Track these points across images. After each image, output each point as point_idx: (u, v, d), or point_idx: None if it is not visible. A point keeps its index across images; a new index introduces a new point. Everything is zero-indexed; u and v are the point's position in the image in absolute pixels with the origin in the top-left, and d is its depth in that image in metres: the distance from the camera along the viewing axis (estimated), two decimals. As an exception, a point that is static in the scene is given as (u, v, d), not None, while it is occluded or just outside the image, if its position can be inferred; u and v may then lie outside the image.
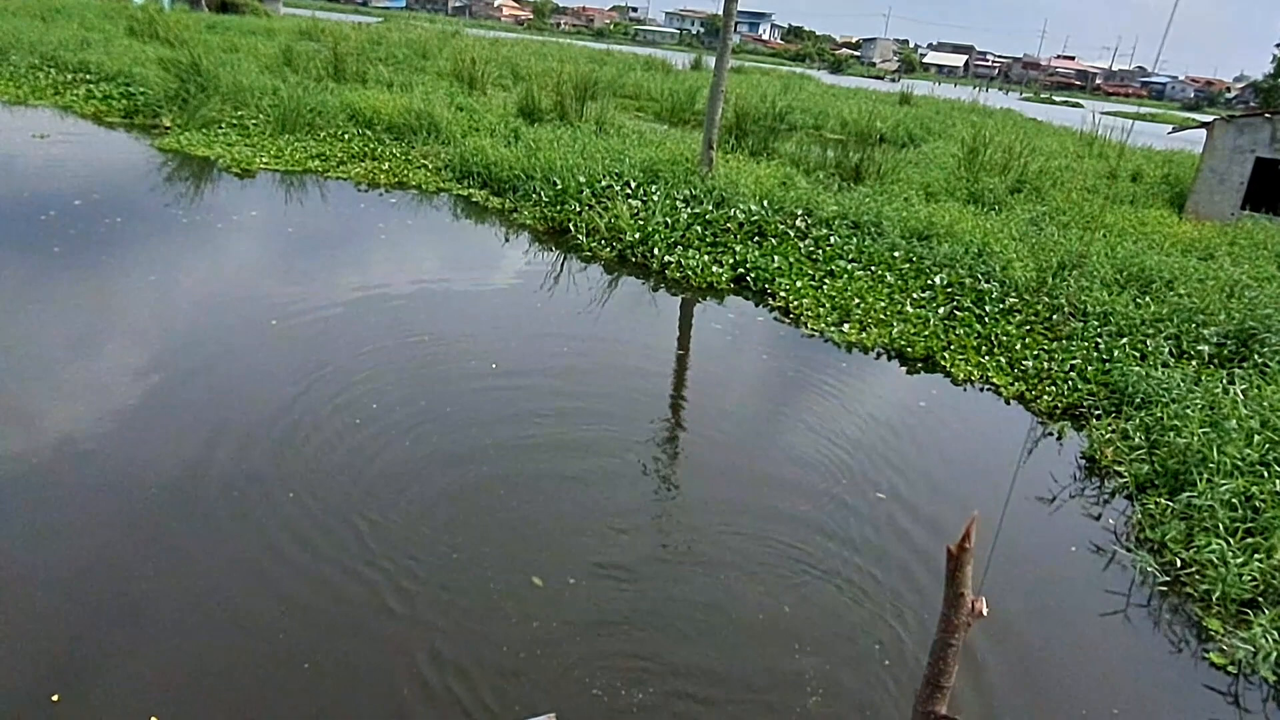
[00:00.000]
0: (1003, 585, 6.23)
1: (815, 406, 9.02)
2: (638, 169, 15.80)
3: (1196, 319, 10.71)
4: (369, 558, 5.74)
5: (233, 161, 16.05)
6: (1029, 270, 12.29)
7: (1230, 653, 5.85)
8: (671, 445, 7.86)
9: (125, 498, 6.07)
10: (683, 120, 27.08)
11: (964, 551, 2.12)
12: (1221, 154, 18.74)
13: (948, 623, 2.23)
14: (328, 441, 7.13)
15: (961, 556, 2.12)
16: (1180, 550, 6.79)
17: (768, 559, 6.30)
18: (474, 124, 19.75)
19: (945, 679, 2.29)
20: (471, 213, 15.09)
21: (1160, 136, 29.53)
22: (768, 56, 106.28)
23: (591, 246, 13.24)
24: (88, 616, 4.98)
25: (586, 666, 5.02)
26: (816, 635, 5.54)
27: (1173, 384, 9.03)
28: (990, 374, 9.93)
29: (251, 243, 12.32)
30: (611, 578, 5.85)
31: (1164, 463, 7.78)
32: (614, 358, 9.85)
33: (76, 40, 26.40)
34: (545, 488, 6.84)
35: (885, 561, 6.42)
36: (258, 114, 18.85)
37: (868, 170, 17.69)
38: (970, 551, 2.13)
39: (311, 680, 4.72)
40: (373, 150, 17.82)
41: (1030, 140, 24.61)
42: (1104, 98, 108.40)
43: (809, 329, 10.86)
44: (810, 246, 13.29)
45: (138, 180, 14.46)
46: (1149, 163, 24.69)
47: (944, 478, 7.80)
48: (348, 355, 8.84)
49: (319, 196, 14.84)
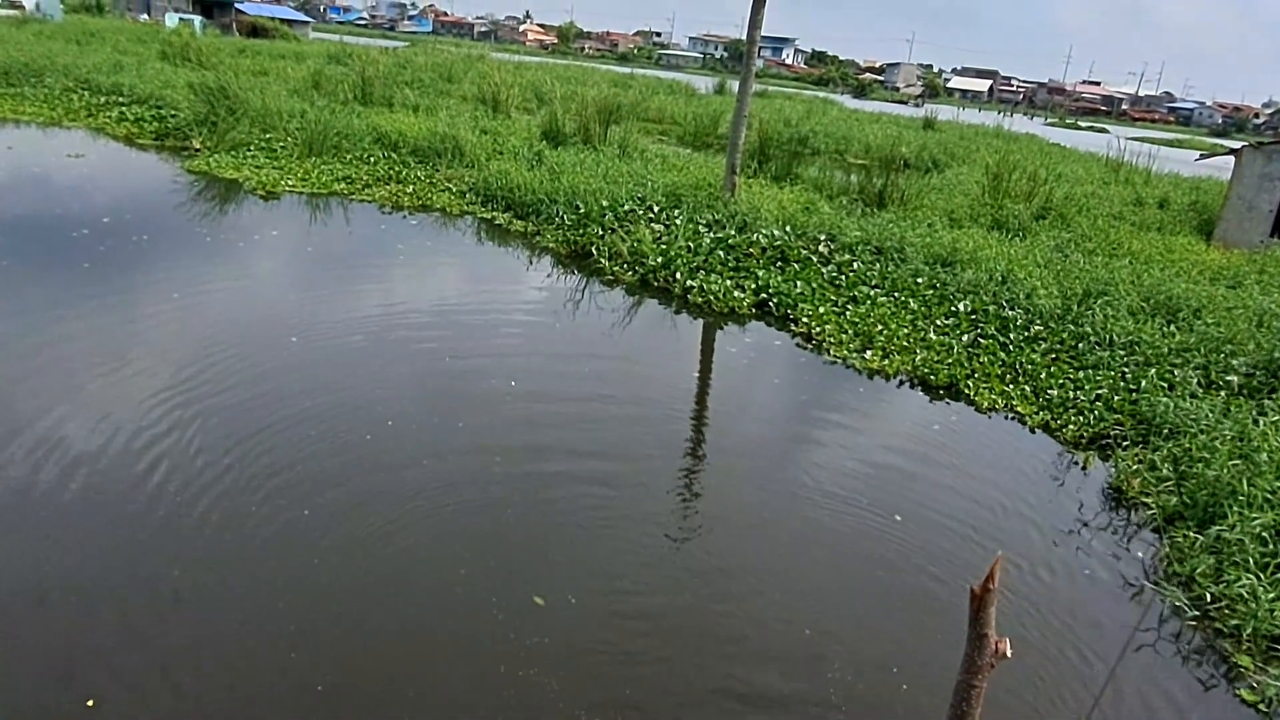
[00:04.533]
0: (1028, 619, 6.14)
1: (835, 434, 8.95)
2: (661, 193, 15.85)
3: (1225, 349, 10.55)
4: (379, 579, 5.75)
5: (259, 184, 16.27)
6: (1054, 298, 12.17)
7: (1261, 689, 5.72)
8: (690, 470, 7.82)
9: (142, 509, 6.11)
10: (706, 144, 27.18)
11: (988, 593, 2.08)
12: (1250, 181, 18.54)
13: (970, 664, 2.19)
14: (339, 458, 7.18)
15: (985, 597, 2.08)
16: (1209, 585, 6.65)
17: (785, 584, 6.26)
18: (498, 147, 19.91)
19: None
20: (494, 235, 15.19)
21: (1187, 163, 29.25)
22: (791, 81, 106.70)
23: (614, 270, 13.27)
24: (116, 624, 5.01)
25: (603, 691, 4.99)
26: (837, 658, 5.47)
27: (1201, 415, 8.89)
28: (1015, 402, 9.82)
29: (274, 262, 12.47)
30: (626, 599, 5.82)
31: (1193, 495, 7.65)
32: (634, 381, 9.84)
33: (110, 64, 26.94)
34: (560, 509, 6.83)
35: (906, 591, 6.35)
36: (286, 137, 19.12)
37: (891, 196, 17.64)
38: (994, 593, 2.09)
39: (329, 682, 4.73)
40: (398, 173, 18.00)
41: (1055, 166, 24.50)
42: (1130, 123, 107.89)
43: (831, 355, 10.80)
44: (833, 272, 13.24)
45: (166, 200, 14.71)
46: (1176, 189, 24.41)
47: (966, 508, 7.70)
48: (365, 372, 8.90)
49: (342, 218, 15.01)
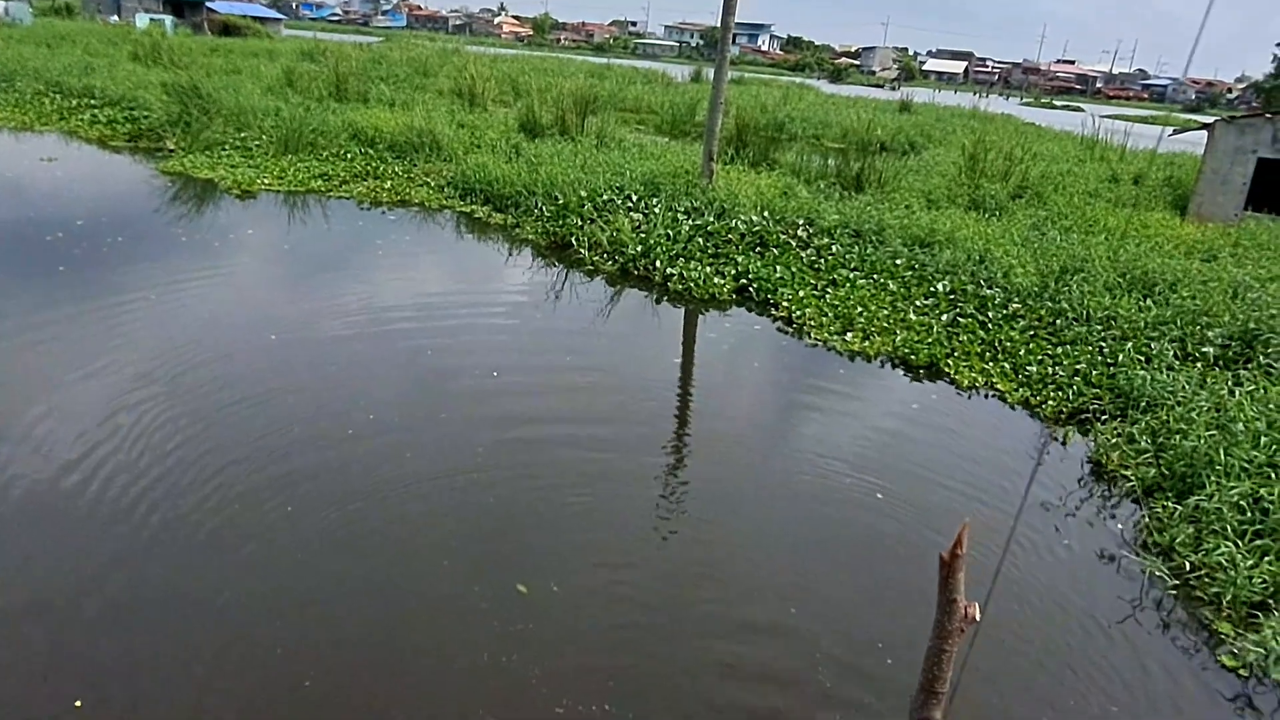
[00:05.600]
0: (1010, 591, 6.21)
1: (818, 415, 9.01)
2: (639, 182, 15.84)
3: (1201, 321, 10.67)
4: (365, 571, 5.77)
5: (235, 183, 16.15)
6: (1031, 275, 12.27)
7: (1241, 655, 5.81)
8: (674, 455, 7.85)
9: (118, 510, 6.09)
10: (683, 132, 27.16)
11: (956, 558, 2.12)
12: (1223, 155, 18.71)
13: (941, 629, 2.23)
14: (320, 454, 7.17)
15: (954, 563, 2.12)
16: (1189, 554, 6.75)
17: (770, 564, 6.31)
18: (475, 140, 19.84)
19: (939, 685, 2.28)
20: (474, 229, 15.15)
21: (1161, 139, 29.44)
22: (767, 67, 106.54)
23: (594, 260, 13.28)
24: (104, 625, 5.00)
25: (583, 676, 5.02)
26: (820, 638, 5.52)
27: (1178, 387, 9.00)
28: (995, 380, 9.91)
29: (252, 261, 12.40)
30: (611, 586, 5.85)
31: (1171, 466, 7.75)
32: (616, 370, 9.87)
33: (80, 66, 26.64)
34: (544, 497, 6.86)
35: (890, 567, 6.42)
36: (260, 135, 18.97)
37: (869, 179, 17.70)
38: (962, 558, 2.13)
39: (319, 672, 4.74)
40: (375, 169, 17.91)
41: (1031, 145, 24.57)
42: (1105, 101, 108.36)
43: (812, 339, 10.85)
44: (812, 256, 13.29)
45: (141, 202, 14.58)
46: (1151, 165, 24.59)
47: (947, 485, 7.77)
48: (346, 368, 8.89)
49: (320, 215, 14.92)
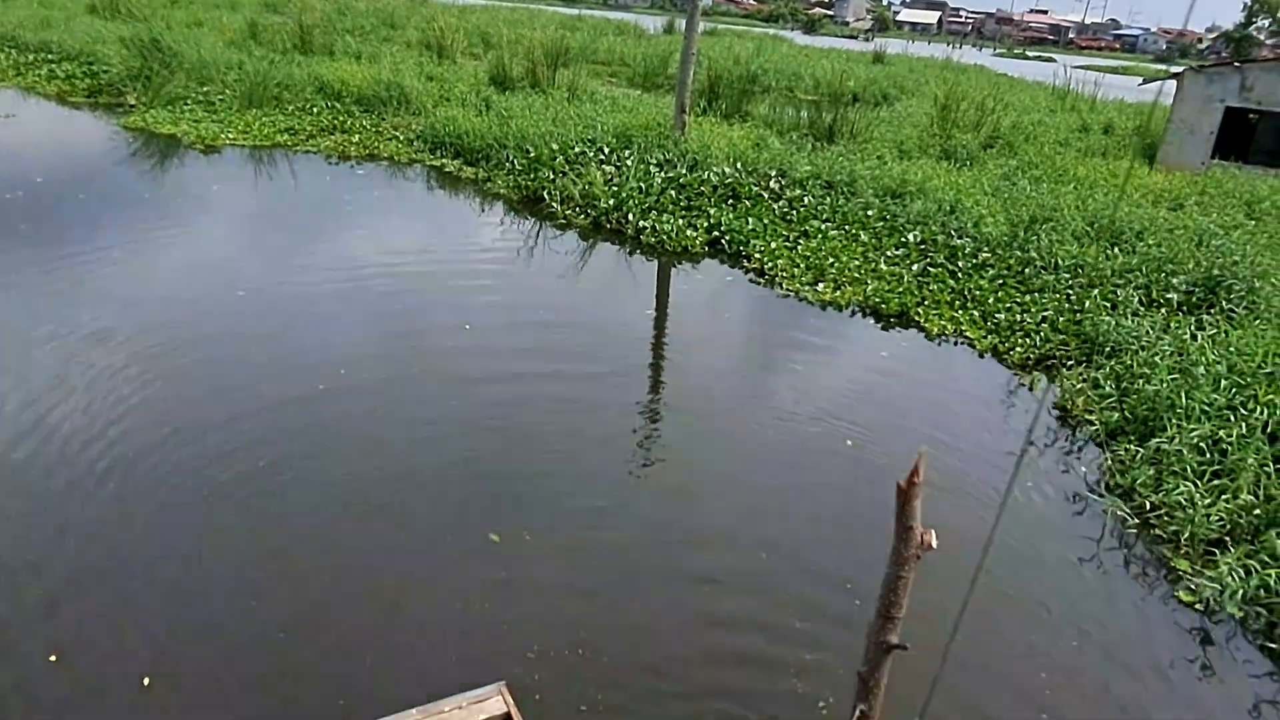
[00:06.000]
0: (978, 534, 6.37)
1: (790, 364, 9.10)
2: (611, 135, 15.69)
3: (1166, 268, 10.82)
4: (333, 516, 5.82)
5: (199, 138, 15.83)
6: (1001, 225, 12.35)
7: (1198, 591, 6.01)
8: (647, 403, 7.91)
9: (86, 467, 6.11)
10: (656, 85, 26.81)
11: (912, 486, 2.19)
12: (1192, 104, 18.81)
13: (898, 556, 2.30)
14: (294, 404, 7.21)
15: (910, 491, 2.19)
16: (1150, 494, 6.94)
17: (742, 509, 6.44)
18: (445, 94, 19.50)
19: (896, 610, 2.37)
20: (444, 183, 14.98)
21: (1131, 89, 29.54)
22: (740, 18, 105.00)
23: (566, 214, 13.20)
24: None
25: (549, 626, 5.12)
26: (790, 580, 5.65)
27: (1142, 332, 9.16)
28: (964, 328, 10.03)
29: (218, 216, 12.24)
30: (584, 532, 5.94)
31: (1134, 410, 7.92)
32: (590, 321, 9.89)
33: (36, 20, 25.81)
34: (517, 447, 6.92)
35: (859, 511, 6.55)
36: (224, 89, 18.54)
37: (841, 130, 17.63)
38: (919, 486, 2.19)
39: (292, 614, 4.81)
40: (342, 123, 17.60)
41: (1003, 96, 24.60)
42: (1077, 52, 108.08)
43: (784, 289, 10.90)
44: (784, 208, 13.30)
45: (102, 158, 14.28)
46: (1120, 115, 24.71)
47: (916, 430, 7.91)
48: (316, 322, 8.89)
49: (287, 170, 14.69)
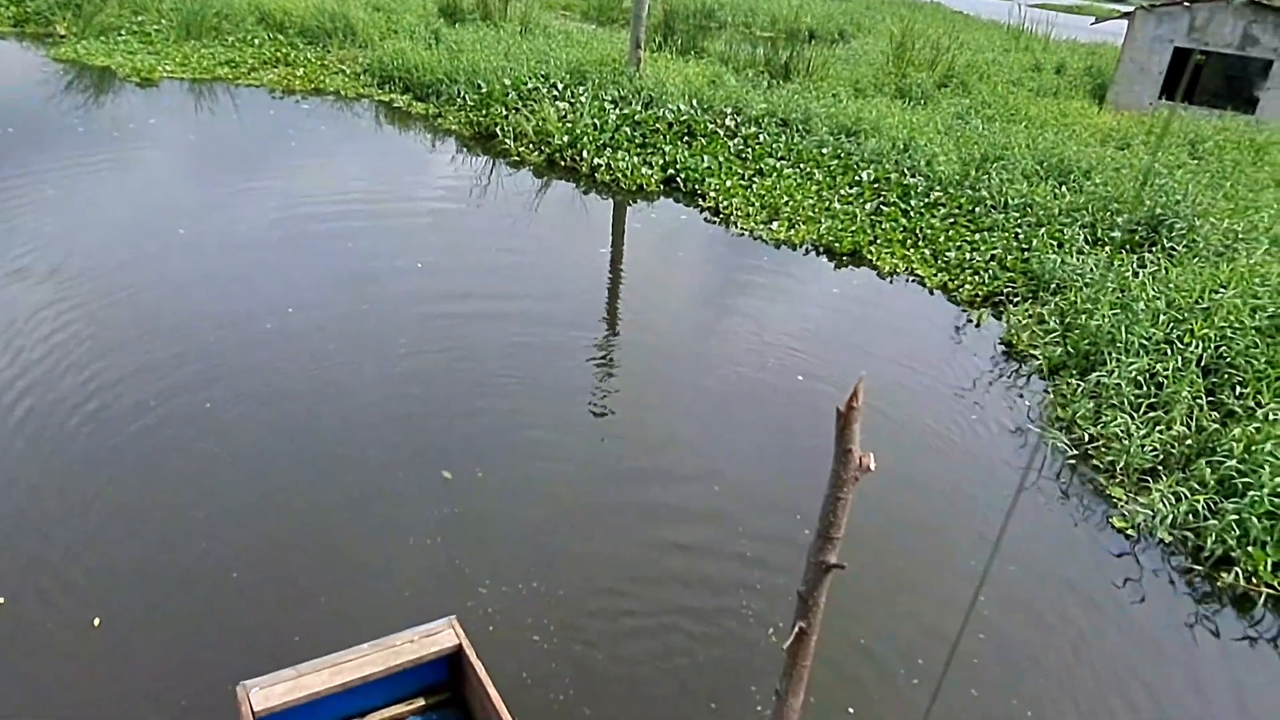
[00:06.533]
0: (922, 466, 6.54)
1: (743, 302, 9.15)
2: (564, 70, 15.39)
3: (1111, 207, 11.00)
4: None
5: (134, 70, 15.20)
6: (953, 164, 12.42)
7: (1131, 517, 6.26)
8: (601, 343, 7.94)
9: (26, 414, 5.99)
10: (610, 19, 26.27)
11: (851, 410, 2.24)
12: (1141, 44, 18.95)
13: (837, 478, 2.37)
14: (240, 343, 7.14)
15: (849, 415, 2.24)
16: (1089, 426, 7.17)
17: (695, 444, 6.53)
18: (392, 26, 18.91)
19: (835, 530, 2.44)
20: (394, 119, 14.62)
21: (1084, 29, 29.64)
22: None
23: (519, 151, 12.99)
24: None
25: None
26: (742, 511, 5.79)
27: (1086, 270, 9.35)
28: (915, 266, 10.14)
29: (155, 152, 11.85)
30: (537, 466, 6.01)
31: (1076, 345, 8.12)
32: (544, 260, 9.83)
33: (-48, -59, 24.37)
34: (469, 385, 6.93)
35: (807, 444, 6.67)
36: (160, 19, 17.76)
37: (797, 67, 17.49)
38: (858, 410, 2.25)
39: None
40: (286, 55, 17.00)
41: (958, 34, 24.53)
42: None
43: (739, 228, 10.90)
44: (739, 145, 13.22)
45: (31, 91, 13.65)
46: (1073, 55, 24.82)
47: (866, 364, 8.02)
48: (261, 261, 8.76)
49: (229, 104, 14.21)
